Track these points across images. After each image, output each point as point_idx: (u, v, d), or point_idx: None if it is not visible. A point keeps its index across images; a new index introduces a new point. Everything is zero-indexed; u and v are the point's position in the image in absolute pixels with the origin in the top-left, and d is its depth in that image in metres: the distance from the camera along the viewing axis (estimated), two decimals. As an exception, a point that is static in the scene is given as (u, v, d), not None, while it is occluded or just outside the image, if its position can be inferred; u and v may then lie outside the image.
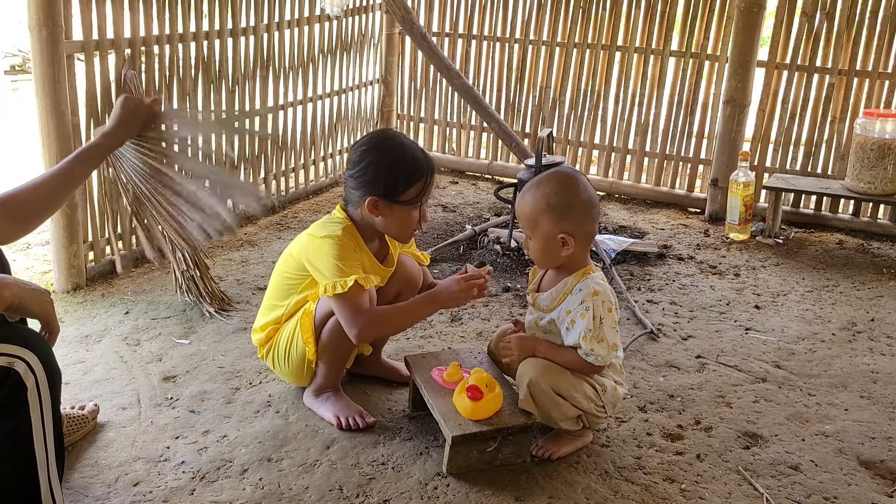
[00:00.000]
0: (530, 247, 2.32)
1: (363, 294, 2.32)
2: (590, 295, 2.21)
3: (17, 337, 1.73)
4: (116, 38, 3.35)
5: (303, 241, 2.45)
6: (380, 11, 5.06)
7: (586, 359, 2.22)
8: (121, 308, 3.19)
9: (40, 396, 1.75)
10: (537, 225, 2.26)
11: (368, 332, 2.35)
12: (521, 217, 2.33)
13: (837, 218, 4.47)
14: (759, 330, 3.24)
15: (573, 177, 2.30)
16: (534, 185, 2.30)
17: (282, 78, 4.30)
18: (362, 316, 2.30)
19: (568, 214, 2.23)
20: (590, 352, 2.21)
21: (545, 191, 2.25)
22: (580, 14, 4.77)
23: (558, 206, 2.23)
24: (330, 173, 4.87)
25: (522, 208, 2.31)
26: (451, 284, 2.35)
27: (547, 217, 2.23)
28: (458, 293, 2.35)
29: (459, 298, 2.37)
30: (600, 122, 4.87)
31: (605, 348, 2.22)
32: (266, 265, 3.65)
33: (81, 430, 2.35)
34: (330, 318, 2.40)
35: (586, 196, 2.26)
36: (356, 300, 2.30)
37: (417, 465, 2.30)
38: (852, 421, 2.63)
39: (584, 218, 2.25)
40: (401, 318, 2.43)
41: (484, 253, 3.86)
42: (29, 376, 1.72)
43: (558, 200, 2.23)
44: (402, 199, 2.36)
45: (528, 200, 2.28)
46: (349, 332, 2.32)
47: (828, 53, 4.36)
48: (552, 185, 2.26)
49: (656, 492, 2.24)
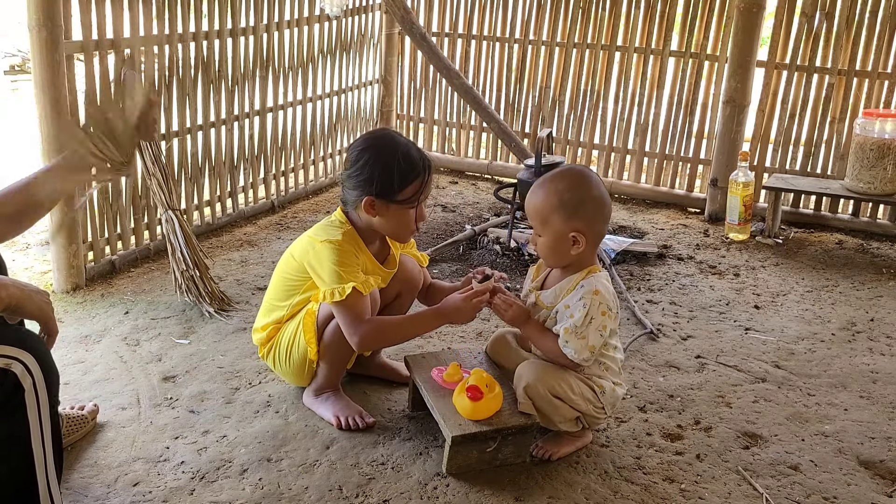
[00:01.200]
0: (539, 244, 2.28)
1: (362, 300, 2.32)
2: (590, 293, 2.20)
3: (13, 338, 1.72)
4: (116, 38, 3.35)
5: (304, 244, 2.45)
6: (379, 11, 5.06)
7: (562, 348, 2.21)
8: (120, 308, 3.19)
9: (38, 398, 1.74)
10: (548, 222, 2.22)
11: (370, 341, 2.37)
12: (531, 213, 2.28)
13: (837, 218, 4.47)
14: (759, 330, 3.24)
15: (586, 174, 2.26)
16: (546, 180, 2.26)
17: (281, 78, 4.30)
18: (363, 325, 2.31)
19: (580, 212, 2.19)
20: (565, 343, 2.19)
21: (558, 187, 2.21)
22: (580, 14, 4.77)
23: (570, 203, 2.19)
24: (329, 173, 4.87)
25: (533, 204, 2.26)
26: (458, 302, 2.35)
27: (558, 214, 2.20)
28: (466, 311, 2.35)
29: (466, 316, 2.37)
30: (600, 122, 4.87)
31: (582, 346, 2.19)
32: (265, 265, 3.65)
33: (81, 430, 2.34)
34: (333, 319, 2.40)
35: (598, 194, 2.23)
36: (355, 307, 2.31)
37: (417, 465, 2.30)
38: (852, 421, 2.63)
39: (595, 217, 2.22)
40: (404, 331, 2.44)
41: (484, 253, 3.86)
42: (26, 378, 1.71)
43: (570, 197, 2.19)
44: (399, 199, 2.35)
45: (540, 196, 2.24)
46: (350, 339, 2.33)
47: (827, 53, 4.36)
48: (565, 182, 2.22)
49: (656, 492, 2.24)
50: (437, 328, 2.68)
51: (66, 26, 3.10)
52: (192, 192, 3.88)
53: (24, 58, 7.62)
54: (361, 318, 2.32)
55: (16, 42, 7.69)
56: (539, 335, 2.29)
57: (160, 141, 3.57)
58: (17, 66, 7.76)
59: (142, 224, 3.65)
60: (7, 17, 7.67)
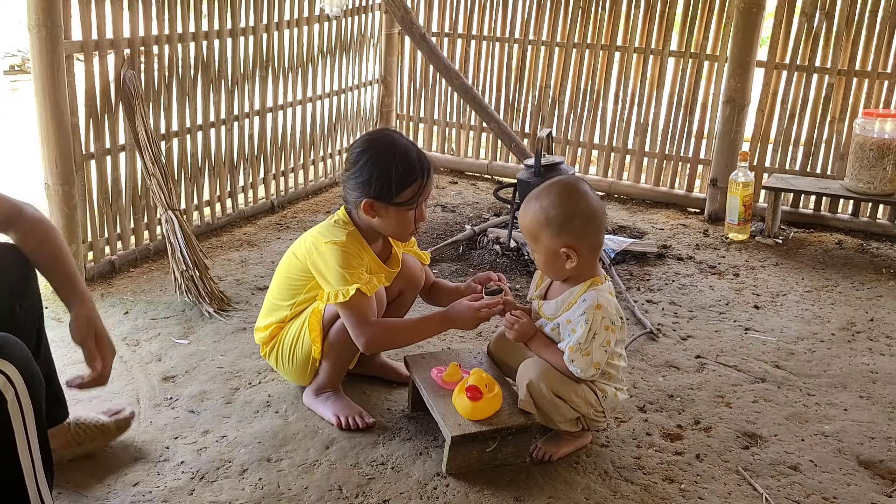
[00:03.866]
0: (536, 260, 2.31)
1: (367, 301, 2.33)
2: (592, 308, 2.19)
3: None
4: (116, 38, 3.35)
5: (307, 244, 2.45)
6: (379, 11, 5.05)
7: (568, 366, 2.22)
8: (120, 308, 3.19)
9: (21, 407, 1.69)
10: (538, 239, 2.23)
11: (376, 343, 2.39)
12: (523, 231, 2.30)
13: (837, 218, 4.47)
14: (759, 330, 3.24)
15: (572, 187, 2.24)
16: (533, 197, 2.26)
17: (281, 78, 4.30)
18: (370, 327, 2.33)
19: (567, 228, 2.18)
20: (571, 361, 2.20)
21: (543, 204, 2.20)
22: (580, 14, 4.77)
23: (556, 220, 2.18)
24: (329, 173, 4.87)
25: (523, 222, 2.27)
26: (466, 311, 2.37)
27: (546, 231, 2.20)
28: (471, 321, 2.38)
29: (471, 324, 2.40)
30: (600, 122, 4.87)
31: (587, 363, 2.19)
32: (265, 265, 3.65)
33: (99, 439, 2.25)
34: (339, 319, 2.41)
35: (586, 207, 2.20)
36: (360, 309, 2.32)
37: (417, 465, 2.30)
38: (851, 421, 2.63)
39: (584, 230, 2.19)
40: (410, 334, 2.48)
41: (484, 253, 3.86)
42: (8, 389, 1.66)
43: (556, 214, 2.18)
44: (398, 202, 2.35)
45: (528, 215, 2.24)
46: (356, 340, 2.35)
47: (827, 53, 4.36)
48: (550, 198, 2.20)
49: (656, 492, 2.24)
50: (443, 332, 2.70)
51: (65, 26, 3.10)
52: (191, 192, 3.88)
53: (24, 58, 7.62)
54: (367, 319, 2.33)
55: (15, 42, 7.69)
56: (545, 351, 2.29)
57: (160, 141, 3.57)
58: (16, 66, 7.76)
59: (142, 224, 3.65)
60: (7, 17, 7.66)
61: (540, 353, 2.30)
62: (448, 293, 2.66)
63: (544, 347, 2.30)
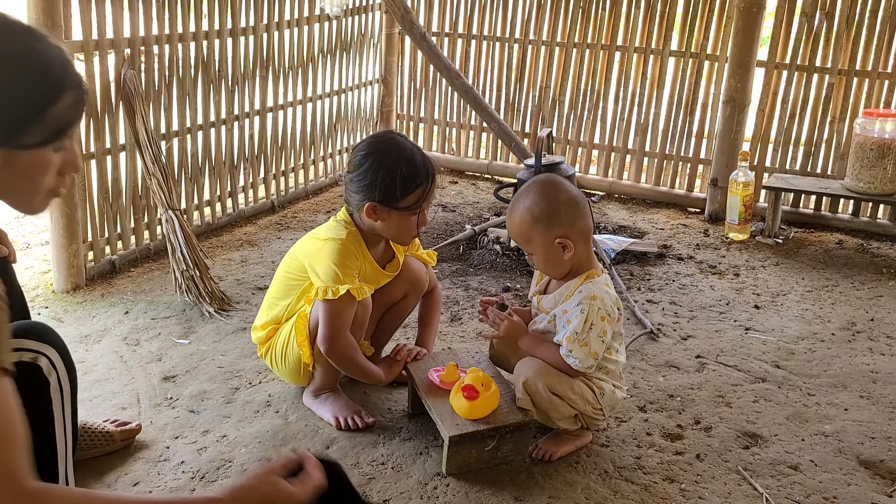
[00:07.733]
0: (534, 262, 2.33)
1: (350, 308, 2.32)
2: (588, 298, 2.20)
3: (36, 332, 1.72)
4: (116, 38, 3.35)
5: (307, 244, 2.45)
6: (379, 11, 5.05)
7: (565, 359, 2.22)
8: (120, 308, 3.19)
9: (62, 392, 1.73)
10: (531, 239, 2.26)
11: (337, 359, 2.38)
12: (514, 237, 2.33)
13: (837, 218, 4.47)
14: (759, 330, 3.24)
15: (549, 182, 2.30)
16: (515, 202, 2.31)
17: (281, 78, 4.30)
18: (338, 341, 2.33)
19: (556, 219, 2.22)
20: (569, 353, 2.21)
21: (525, 205, 2.26)
22: (580, 14, 4.77)
23: (543, 216, 2.22)
24: (330, 173, 4.87)
25: (512, 230, 2.31)
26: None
27: (537, 229, 2.23)
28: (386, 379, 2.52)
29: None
30: (600, 122, 4.86)
31: (585, 353, 2.20)
32: (266, 265, 3.65)
33: (102, 447, 2.26)
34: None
35: (567, 197, 2.26)
36: (341, 313, 2.31)
37: (417, 464, 2.30)
38: (852, 421, 2.63)
39: (573, 217, 2.24)
40: (360, 375, 2.48)
41: (484, 253, 3.86)
42: (52, 372, 1.70)
43: (541, 210, 2.23)
44: (401, 206, 2.34)
45: (515, 219, 2.29)
46: (321, 342, 2.34)
47: (827, 53, 4.35)
48: (531, 198, 2.26)
49: (656, 492, 2.24)
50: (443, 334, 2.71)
51: (65, 26, 3.10)
52: (192, 192, 3.88)
53: (25, 58, 7.61)
54: (344, 329, 2.33)
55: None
56: (537, 347, 2.30)
57: (160, 141, 3.57)
58: (17, 66, 7.75)
59: (142, 224, 3.65)
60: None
61: (533, 350, 2.31)
62: (422, 335, 2.69)
63: (537, 344, 2.30)
